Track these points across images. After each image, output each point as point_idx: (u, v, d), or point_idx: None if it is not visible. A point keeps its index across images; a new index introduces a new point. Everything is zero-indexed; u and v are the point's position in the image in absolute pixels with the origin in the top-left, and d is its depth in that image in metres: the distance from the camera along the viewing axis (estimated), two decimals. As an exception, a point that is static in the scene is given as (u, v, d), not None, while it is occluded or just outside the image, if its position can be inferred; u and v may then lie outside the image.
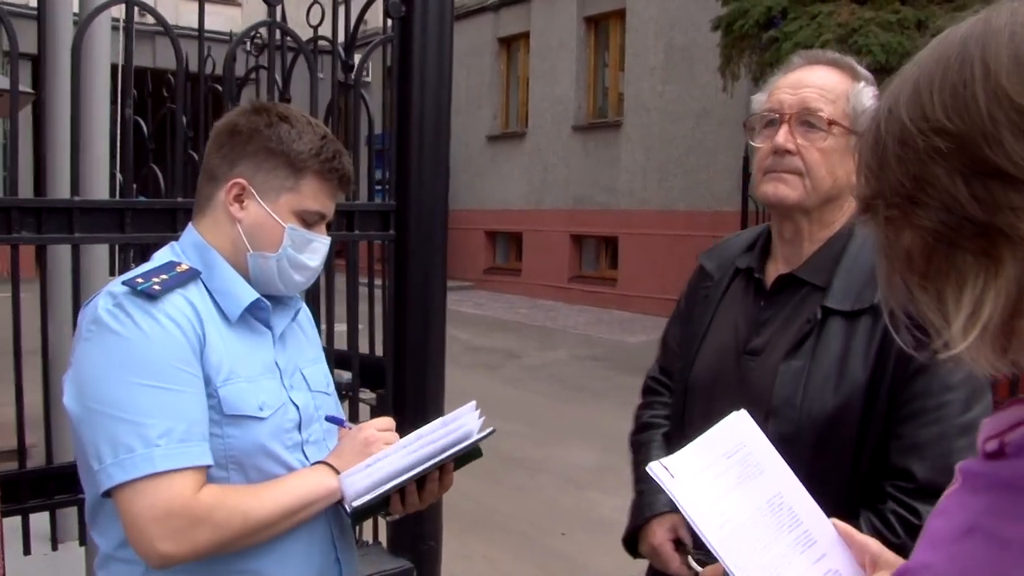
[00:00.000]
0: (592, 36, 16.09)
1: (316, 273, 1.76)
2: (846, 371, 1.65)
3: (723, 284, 1.94)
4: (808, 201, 1.74)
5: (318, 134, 1.69)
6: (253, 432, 1.61)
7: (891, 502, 1.62)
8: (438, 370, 2.97)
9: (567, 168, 16.01)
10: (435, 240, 2.93)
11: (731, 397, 1.77)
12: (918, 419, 1.62)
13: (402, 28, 2.86)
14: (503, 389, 9.36)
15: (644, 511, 1.93)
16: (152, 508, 1.47)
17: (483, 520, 5.56)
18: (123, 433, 1.48)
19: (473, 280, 17.92)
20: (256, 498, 1.57)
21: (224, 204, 1.68)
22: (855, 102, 1.71)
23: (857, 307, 1.68)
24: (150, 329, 1.53)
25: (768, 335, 1.79)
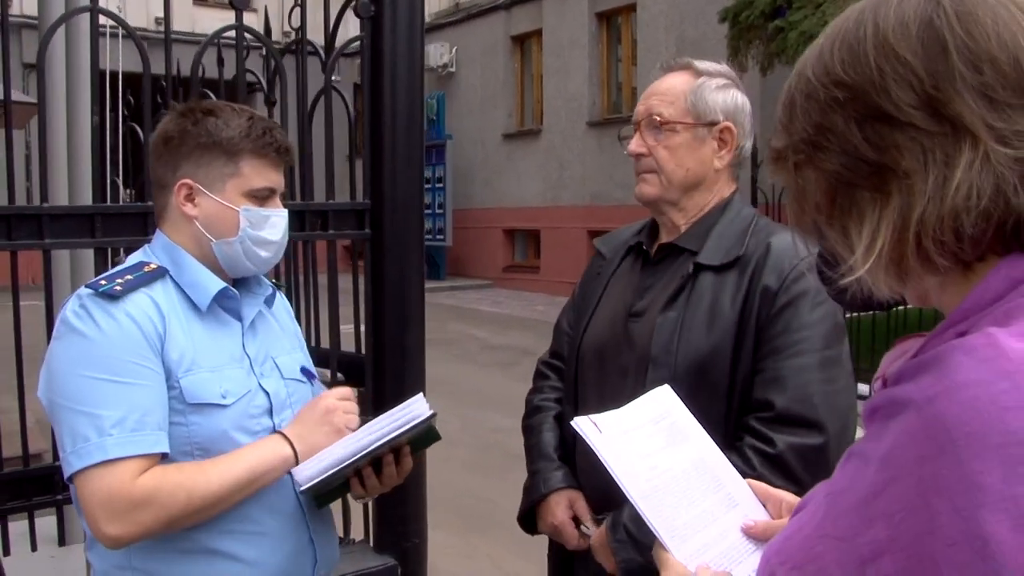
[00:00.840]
0: (604, 31, 16.06)
1: (281, 247, 1.83)
2: (716, 317, 1.83)
3: (615, 262, 2.09)
4: (668, 194, 1.95)
5: (244, 116, 1.76)
6: (216, 419, 1.69)
7: (748, 436, 1.75)
8: (417, 367, 2.98)
9: (583, 165, 15.99)
10: (410, 237, 2.94)
11: (619, 358, 1.92)
12: (780, 353, 1.77)
13: (372, 28, 2.87)
14: (516, 387, 9.26)
15: (540, 488, 2.03)
16: (98, 492, 1.56)
17: (487, 518, 5.56)
18: (81, 424, 1.57)
19: (492, 278, 17.94)
20: (201, 473, 1.63)
21: (177, 207, 1.76)
22: (694, 98, 1.92)
23: (725, 261, 1.86)
24: (108, 327, 1.62)
25: (650, 298, 1.94)
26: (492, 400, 8.58)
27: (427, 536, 3.13)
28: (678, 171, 1.93)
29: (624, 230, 2.17)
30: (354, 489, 1.79)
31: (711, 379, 1.79)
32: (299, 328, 2.07)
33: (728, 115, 1.92)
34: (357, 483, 1.78)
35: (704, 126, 1.92)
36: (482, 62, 18.22)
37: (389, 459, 1.77)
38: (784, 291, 1.79)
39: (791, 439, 1.71)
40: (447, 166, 17.82)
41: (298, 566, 1.80)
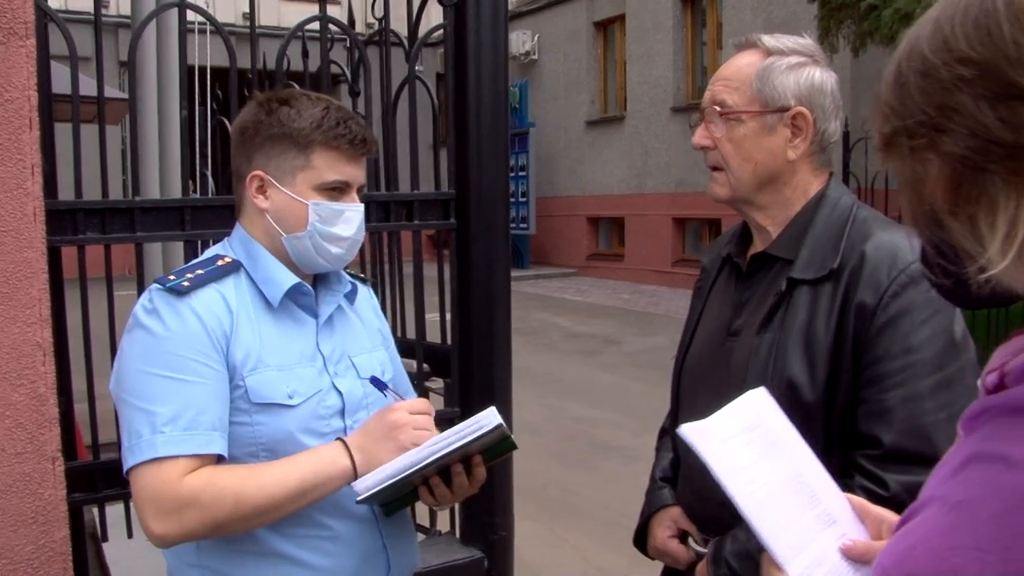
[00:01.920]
0: (688, 15, 15.81)
1: (355, 243, 1.78)
2: (811, 337, 1.64)
3: (712, 275, 1.95)
4: (739, 192, 1.76)
5: (319, 106, 1.72)
6: (282, 419, 1.66)
7: (858, 475, 1.58)
8: (504, 358, 2.95)
9: (667, 151, 15.79)
10: (497, 227, 2.90)
11: (715, 379, 1.79)
12: (882, 383, 1.58)
13: (456, 15, 2.85)
14: (600, 376, 9.30)
15: (644, 510, 1.97)
16: (145, 489, 1.56)
17: (573, 508, 5.54)
18: (137, 420, 1.58)
19: (576, 267, 17.88)
20: (253, 479, 1.59)
21: (250, 199, 1.75)
22: (761, 82, 1.71)
23: (820, 274, 1.66)
24: (172, 323, 1.61)
25: (746, 315, 1.78)
26: (575, 389, 8.56)
27: (514, 529, 3.11)
28: (745, 166, 1.72)
29: (722, 239, 2.01)
30: (424, 498, 1.74)
31: (807, 409, 1.61)
32: (386, 324, 2.02)
33: (801, 99, 1.70)
34: (426, 492, 1.72)
35: (773, 113, 1.70)
36: (565, 49, 18.12)
37: (458, 469, 1.70)
38: (883, 309, 1.59)
39: (905, 478, 1.53)
40: (530, 154, 17.77)
41: (370, 573, 1.75)
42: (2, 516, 2.00)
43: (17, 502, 2.01)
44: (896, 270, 1.60)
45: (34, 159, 1.99)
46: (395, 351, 1.99)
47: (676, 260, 15.91)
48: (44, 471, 2.04)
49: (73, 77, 2.34)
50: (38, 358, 2.01)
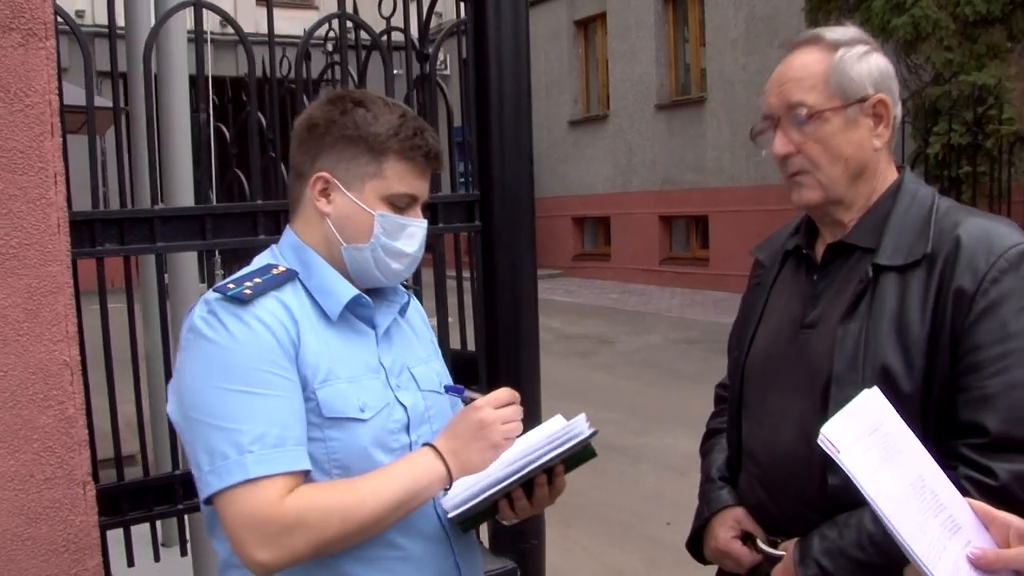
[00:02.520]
0: (670, 12, 15.78)
1: (415, 260, 1.68)
2: (905, 326, 1.58)
3: (774, 269, 1.88)
4: (832, 193, 1.70)
5: (396, 113, 1.62)
6: (355, 434, 1.56)
7: (963, 466, 1.52)
8: (532, 362, 2.88)
9: (652, 148, 15.77)
10: (522, 228, 2.83)
11: (789, 374, 1.72)
12: (983, 370, 1.53)
13: (476, 11, 2.76)
14: (598, 377, 9.24)
15: (703, 511, 1.89)
16: (243, 515, 1.44)
17: (584, 511, 5.46)
18: (218, 440, 1.46)
19: (562, 267, 17.82)
20: (354, 493, 1.50)
21: (311, 200, 1.64)
22: (838, 77, 1.65)
23: (910, 260, 1.62)
24: (240, 334, 1.50)
25: (823, 306, 1.72)
26: (573, 391, 8.47)
27: (545, 536, 3.03)
28: (837, 165, 1.67)
29: (780, 233, 1.93)
30: (502, 512, 1.63)
31: (903, 398, 1.54)
32: (434, 334, 1.93)
33: (878, 85, 1.65)
34: (506, 506, 1.61)
35: (855, 104, 1.64)
36: (545, 48, 18.04)
37: (542, 480, 1.60)
38: (982, 294, 1.54)
39: (1014, 467, 1.49)
40: (514, 155, 17.69)
41: None
42: (33, 545, 1.89)
43: (47, 530, 1.91)
44: (994, 255, 1.55)
45: (56, 167, 1.89)
46: (443, 360, 1.89)
47: (663, 258, 15.88)
48: (75, 496, 1.94)
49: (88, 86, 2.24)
50: (66, 377, 1.91)
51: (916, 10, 8.77)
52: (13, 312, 1.85)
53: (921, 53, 9.11)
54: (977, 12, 8.63)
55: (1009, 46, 8.95)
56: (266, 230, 2.44)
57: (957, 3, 8.71)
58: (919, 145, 8.16)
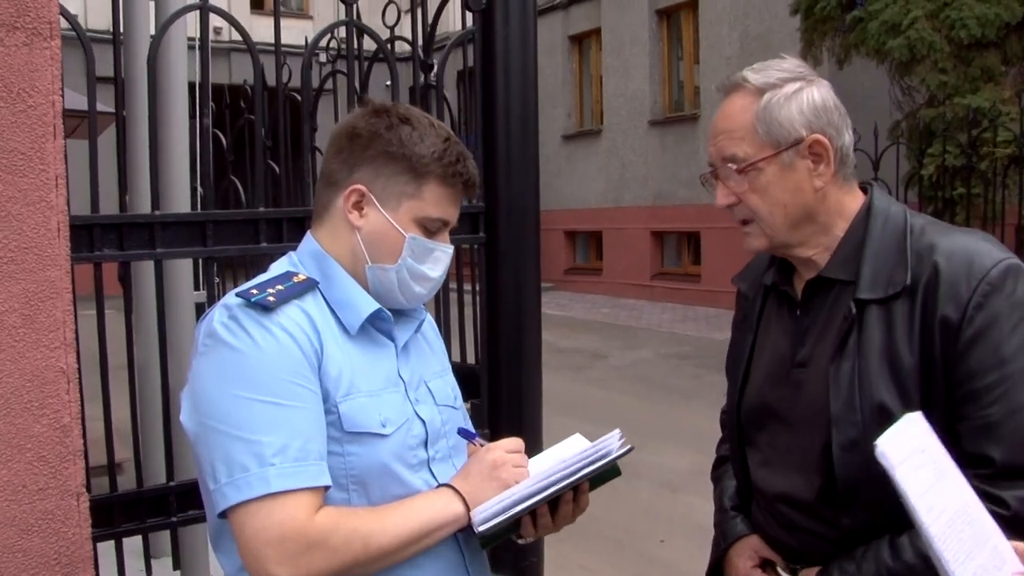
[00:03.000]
0: (664, 29, 15.82)
1: (438, 284, 1.65)
2: (895, 360, 1.53)
3: (757, 303, 1.82)
4: (776, 239, 1.65)
5: (441, 136, 1.58)
6: (376, 450, 1.52)
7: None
8: (534, 378, 2.84)
9: (645, 164, 15.78)
10: (527, 241, 2.79)
11: (789, 412, 1.68)
12: (982, 398, 1.49)
13: (484, 21, 2.73)
14: (590, 391, 9.19)
15: (720, 541, 1.86)
16: (265, 530, 1.39)
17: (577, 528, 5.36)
18: (238, 451, 1.41)
19: (554, 281, 17.77)
20: (378, 522, 1.46)
21: (343, 211, 1.59)
22: (765, 125, 1.59)
23: (891, 292, 1.56)
24: (264, 342, 1.45)
25: (812, 344, 1.67)
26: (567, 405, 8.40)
27: (544, 554, 2.99)
28: (776, 212, 1.61)
29: (758, 261, 1.87)
30: (524, 529, 1.59)
31: None
32: (445, 348, 1.89)
33: (812, 124, 1.58)
34: (529, 523, 1.56)
35: (788, 150, 1.58)
36: (540, 63, 17.75)
37: (568, 497, 1.57)
38: (968, 322, 1.49)
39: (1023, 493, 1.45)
40: (507, 168, 17.65)
41: None
42: (24, 558, 1.84)
43: (40, 542, 1.85)
44: (975, 279, 1.50)
45: (58, 170, 1.84)
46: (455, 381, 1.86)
47: (655, 273, 15.87)
48: (68, 508, 1.88)
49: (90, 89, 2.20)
50: (62, 385, 1.86)
51: (911, 32, 8.81)
52: (9, 317, 1.80)
53: (916, 75, 9.15)
54: (972, 35, 8.67)
55: (1003, 69, 9.00)
56: (268, 238, 2.40)
57: (952, 26, 8.75)
58: (913, 167, 8.16)
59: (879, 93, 9.88)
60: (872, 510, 1.53)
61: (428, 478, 1.59)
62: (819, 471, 1.59)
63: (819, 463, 1.58)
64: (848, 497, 1.55)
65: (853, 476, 1.53)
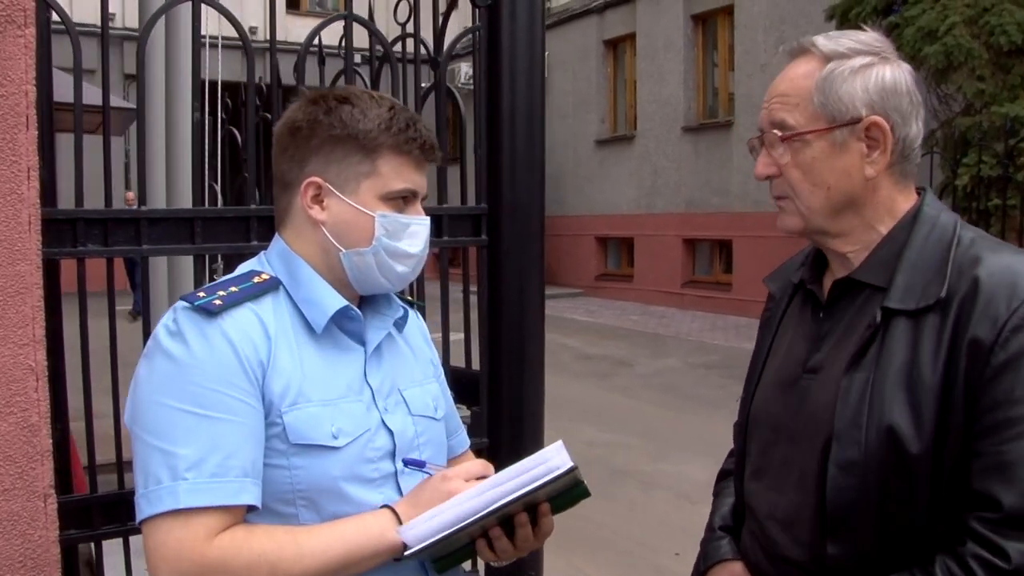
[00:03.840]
0: (700, 35, 15.67)
1: (420, 260, 1.57)
2: (915, 379, 1.38)
3: (783, 303, 1.70)
4: (812, 223, 1.52)
5: (384, 106, 1.51)
6: (324, 464, 1.43)
7: (971, 542, 1.33)
8: (537, 385, 2.74)
9: (678, 171, 15.63)
10: (531, 245, 2.70)
11: (790, 424, 1.54)
12: (1001, 433, 1.33)
13: (490, 17, 2.65)
14: (614, 398, 9.09)
15: (699, 563, 1.75)
16: (163, 547, 1.33)
17: (591, 538, 5.31)
18: (155, 462, 1.35)
19: (584, 287, 17.69)
20: (293, 546, 1.37)
21: (303, 209, 1.52)
22: (824, 95, 1.46)
23: (923, 304, 1.41)
24: (198, 349, 1.38)
25: (828, 350, 1.53)
26: (589, 412, 8.34)
27: (543, 569, 2.89)
28: (817, 193, 1.49)
29: (792, 261, 1.75)
30: (482, 553, 1.49)
31: (909, 461, 1.38)
32: (436, 352, 1.79)
33: (874, 106, 1.44)
34: (485, 546, 1.47)
35: (842, 127, 1.45)
36: (574, 67, 17.99)
37: (523, 520, 1.45)
38: (1001, 346, 1.33)
39: None
40: (538, 173, 17.55)
41: None
42: (-13, 561, 1.78)
43: (4, 544, 1.80)
44: (1017, 300, 1.35)
45: (30, 161, 1.78)
46: (445, 383, 1.77)
47: (685, 281, 15.72)
48: (35, 509, 1.82)
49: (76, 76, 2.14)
50: (30, 383, 1.80)
51: (948, 39, 8.62)
52: (-22, 312, 1.75)
53: (952, 83, 8.95)
54: (1011, 42, 8.47)
55: (1044, 78, 8.78)
56: (260, 235, 2.33)
57: (991, 32, 8.56)
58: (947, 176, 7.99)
59: (916, 101, 9.69)
60: (862, 541, 1.41)
61: (392, 494, 1.50)
62: (814, 490, 1.46)
63: (815, 481, 1.46)
64: (837, 522, 1.42)
65: (845, 500, 1.41)
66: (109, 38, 2.24)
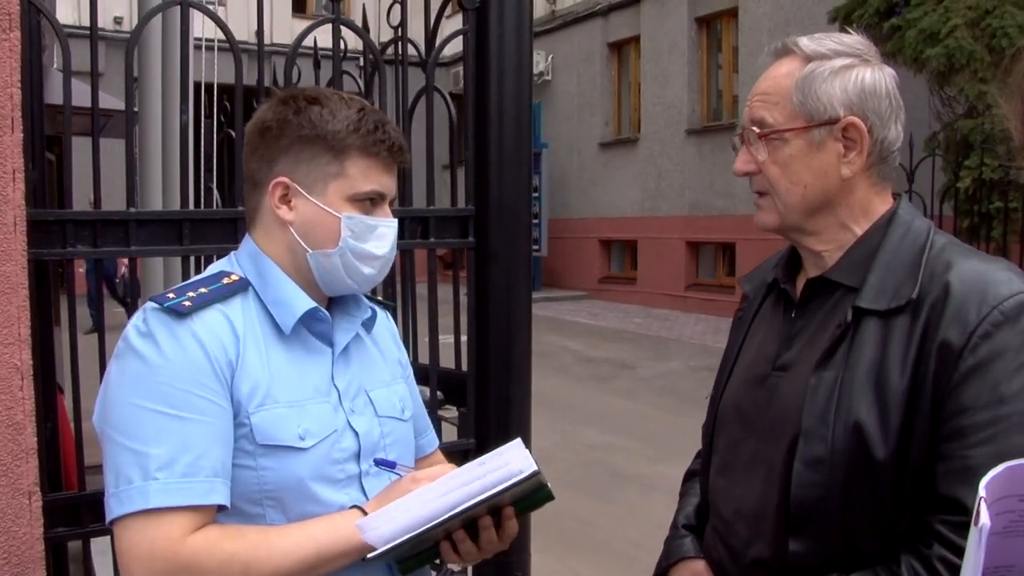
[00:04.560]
0: (704, 37, 15.68)
1: (387, 262, 1.58)
2: (883, 379, 1.40)
3: (756, 303, 1.71)
4: (788, 219, 1.55)
5: (354, 107, 1.52)
6: (291, 464, 1.45)
7: (937, 544, 1.35)
8: (524, 386, 2.75)
9: (682, 173, 15.63)
10: (518, 246, 2.72)
11: (758, 420, 1.56)
12: (967, 437, 1.34)
13: (477, 19, 2.67)
14: (616, 401, 9.09)
15: (662, 560, 1.77)
16: (136, 547, 1.34)
17: (589, 540, 5.32)
18: (125, 462, 1.36)
19: (587, 290, 17.69)
20: (264, 546, 1.38)
21: (271, 209, 1.53)
22: (803, 94, 1.48)
23: (894, 305, 1.43)
24: (170, 350, 1.40)
25: (799, 348, 1.55)
26: (590, 415, 8.36)
27: (530, 569, 2.90)
28: (793, 190, 1.51)
29: (768, 263, 1.77)
30: (446, 555, 1.50)
31: (875, 461, 1.39)
32: (405, 353, 1.80)
33: (851, 107, 1.46)
34: (449, 548, 1.48)
35: (820, 127, 1.47)
36: (579, 70, 18.01)
37: (487, 523, 1.46)
38: (971, 351, 1.35)
39: None
40: (543, 175, 17.59)
41: None
42: (-29, 557, 1.80)
43: (-11, 541, 1.82)
44: (987, 306, 1.36)
45: (15, 163, 1.81)
46: (414, 383, 1.78)
47: (689, 284, 15.71)
48: (19, 507, 1.84)
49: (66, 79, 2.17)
50: (15, 382, 1.82)
51: (950, 41, 8.62)
52: (-36, 312, 1.78)
53: (954, 85, 8.95)
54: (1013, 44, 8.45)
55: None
56: (247, 237, 2.35)
57: (992, 35, 8.55)
58: (949, 179, 7.97)
59: (918, 103, 9.68)
60: (825, 539, 1.43)
61: (356, 495, 1.51)
62: (779, 487, 1.48)
63: (780, 478, 1.48)
64: (800, 519, 1.44)
65: (811, 496, 1.42)
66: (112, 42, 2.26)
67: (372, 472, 1.54)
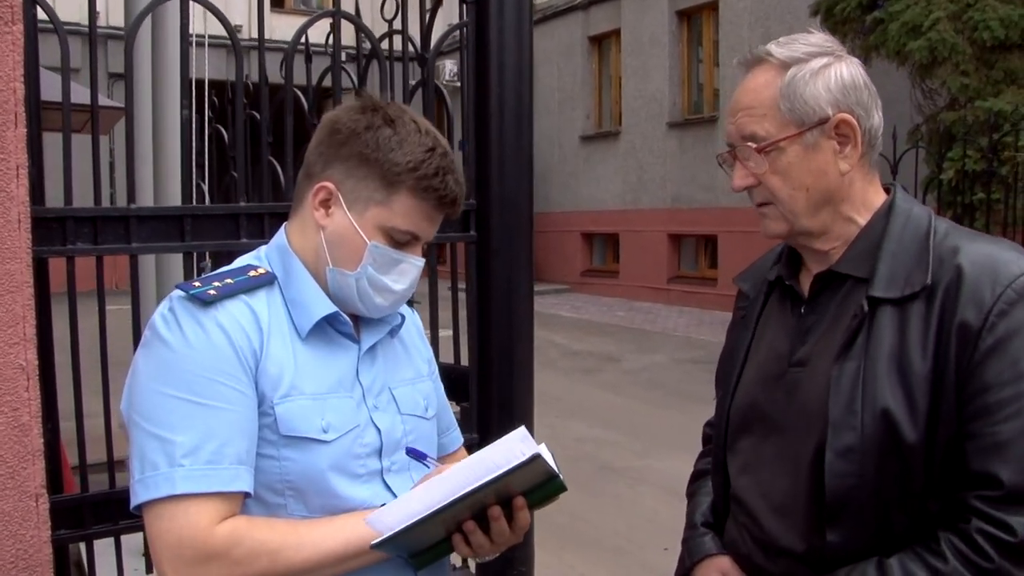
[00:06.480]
0: (684, 30, 15.70)
1: (402, 297, 1.56)
2: (905, 365, 1.43)
3: (759, 302, 1.72)
4: (797, 224, 1.56)
5: (424, 146, 1.48)
6: (314, 456, 1.44)
7: (976, 519, 1.37)
8: (526, 381, 2.75)
9: (663, 166, 15.66)
10: (520, 240, 2.71)
11: (780, 416, 1.57)
12: (993, 414, 1.38)
13: (477, 13, 2.66)
14: (601, 395, 9.10)
15: (685, 559, 1.76)
16: (166, 533, 1.35)
17: (579, 534, 5.32)
18: (151, 449, 1.36)
19: (570, 283, 17.70)
20: (293, 536, 1.38)
21: (310, 207, 1.52)
22: (789, 101, 1.50)
23: (908, 292, 1.46)
24: (195, 338, 1.40)
25: (814, 342, 1.56)
26: (576, 409, 8.36)
27: (534, 564, 2.90)
28: (796, 195, 1.53)
29: (764, 260, 1.78)
30: (459, 548, 1.47)
31: (905, 445, 1.41)
32: (431, 350, 1.79)
33: (838, 103, 1.49)
34: (461, 540, 1.45)
35: (812, 129, 1.50)
36: (559, 63, 17.99)
37: (496, 513, 1.42)
38: (988, 330, 1.38)
39: None
40: (524, 169, 17.53)
41: None
42: (-22, 561, 1.78)
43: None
44: (1001, 285, 1.40)
45: (19, 159, 1.78)
46: (439, 380, 1.77)
47: (671, 277, 15.75)
48: (26, 509, 1.82)
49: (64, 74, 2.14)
50: (20, 383, 1.79)
51: (932, 34, 8.67)
52: (-33, 311, 1.74)
53: (937, 78, 9.00)
54: (995, 37, 8.52)
55: (1027, 72, 8.84)
56: (249, 233, 2.33)
57: (975, 28, 8.61)
58: (932, 171, 8.02)
59: (900, 96, 9.73)
60: (861, 526, 1.44)
61: (379, 490, 1.51)
62: (809, 479, 1.49)
63: (809, 471, 1.49)
64: (836, 509, 1.45)
65: (845, 486, 1.43)
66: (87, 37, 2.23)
67: (395, 469, 1.53)
